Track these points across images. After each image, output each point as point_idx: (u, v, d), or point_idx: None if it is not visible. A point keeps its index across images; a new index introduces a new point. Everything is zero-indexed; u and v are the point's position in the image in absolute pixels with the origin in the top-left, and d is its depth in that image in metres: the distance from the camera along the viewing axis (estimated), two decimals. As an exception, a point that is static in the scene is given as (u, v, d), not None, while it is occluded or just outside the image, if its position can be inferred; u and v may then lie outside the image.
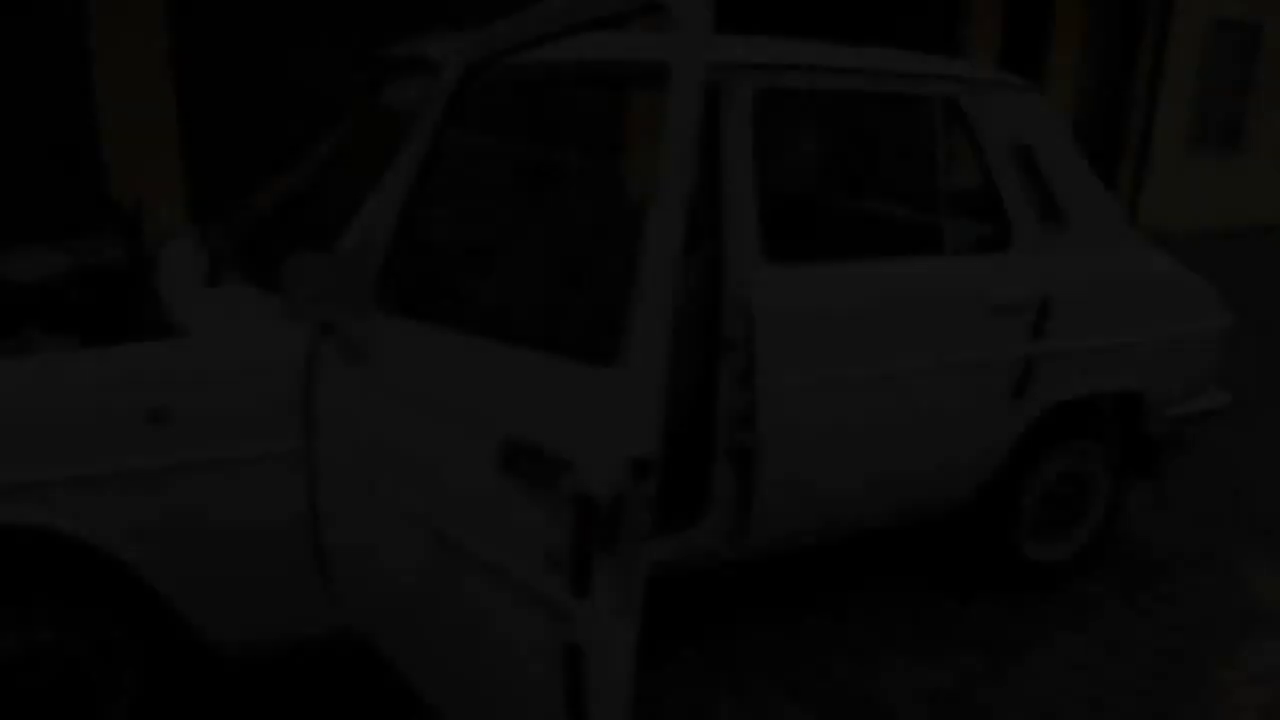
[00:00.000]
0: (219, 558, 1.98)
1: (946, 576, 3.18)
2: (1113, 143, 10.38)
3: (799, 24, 6.07)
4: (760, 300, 2.35)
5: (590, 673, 1.41)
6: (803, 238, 2.55)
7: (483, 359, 1.67)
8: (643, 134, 6.12)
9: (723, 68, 2.32)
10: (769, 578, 3.11)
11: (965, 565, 3.17)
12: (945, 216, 2.65)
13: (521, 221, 3.23)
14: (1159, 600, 3.08)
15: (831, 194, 3.87)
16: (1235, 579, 3.23)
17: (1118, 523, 3.29)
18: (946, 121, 2.66)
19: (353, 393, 1.90)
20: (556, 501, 1.39)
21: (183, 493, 1.90)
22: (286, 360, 1.95)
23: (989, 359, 2.68)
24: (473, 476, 1.57)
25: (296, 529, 2.01)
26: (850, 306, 2.47)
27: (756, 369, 2.35)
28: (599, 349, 1.43)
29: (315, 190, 2.64)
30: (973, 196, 2.91)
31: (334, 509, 1.98)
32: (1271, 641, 2.87)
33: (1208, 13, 10.58)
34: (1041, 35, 9.30)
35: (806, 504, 2.58)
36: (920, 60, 2.75)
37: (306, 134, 2.87)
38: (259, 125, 5.31)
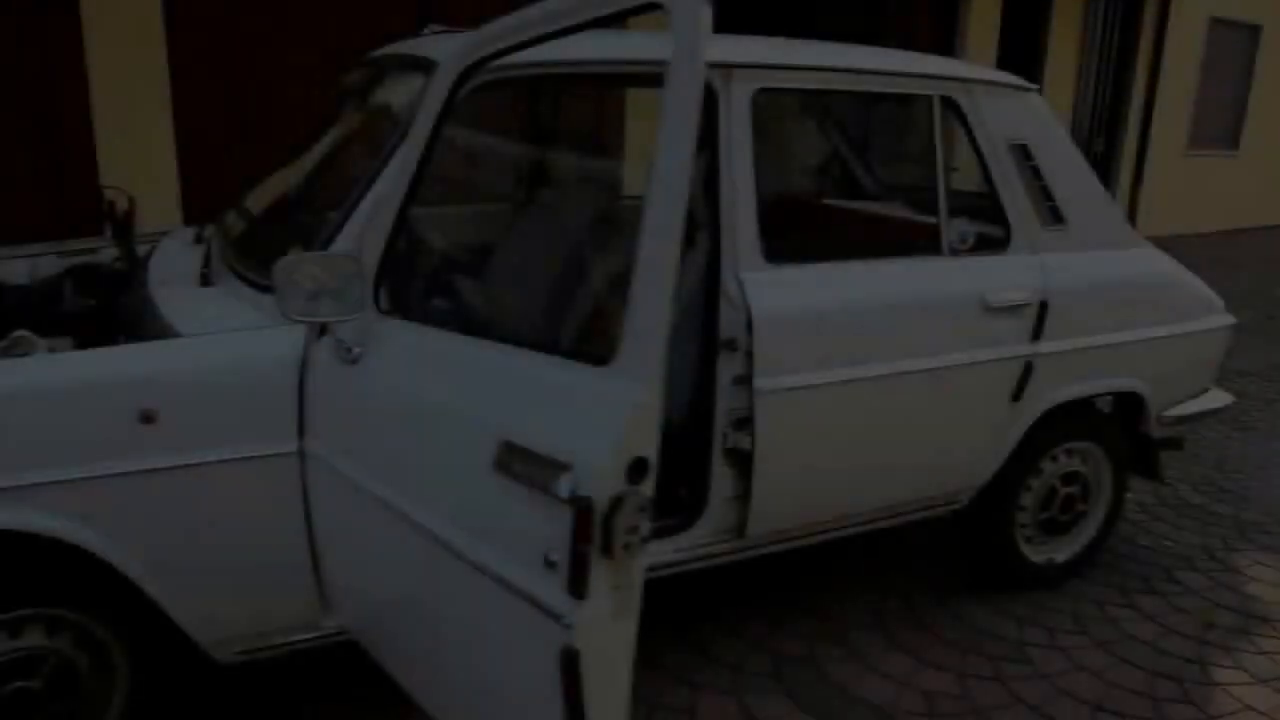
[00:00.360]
0: (211, 561, 1.96)
1: (946, 578, 3.17)
2: (1112, 143, 10.38)
3: (798, 24, 6.06)
4: (758, 301, 2.34)
5: (588, 676, 1.40)
6: (801, 238, 2.54)
7: (479, 360, 1.66)
8: (643, 134, 6.11)
9: (722, 68, 2.31)
10: (767, 578, 3.10)
11: (965, 566, 3.17)
12: (944, 217, 2.64)
13: (519, 222, 3.22)
14: (1159, 600, 3.07)
15: (830, 194, 3.86)
16: (1235, 579, 3.22)
17: (1117, 523, 3.28)
18: (945, 121, 2.66)
19: (347, 394, 1.89)
20: (554, 503, 1.38)
21: (175, 495, 1.88)
22: (280, 361, 1.94)
23: (988, 360, 2.67)
24: (469, 479, 1.56)
25: (290, 532, 2.00)
26: (848, 308, 2.46)
27: (754, 370, 2.34)
28: (597, 350, 1.42)
29: (310, 190, 2.63)
30: (972, 196, 2.90)
31: (328, 512, 1.97)
32: (1271, 641, 2.86)
33: (1206, 12, 10.58)
34: (1039, 34, 9.30)
35: (804, 506, 2.57)
36: (919, 60, 2.74)
37: (301, 134, 2.86)
38: (254, 125, 5.29)
